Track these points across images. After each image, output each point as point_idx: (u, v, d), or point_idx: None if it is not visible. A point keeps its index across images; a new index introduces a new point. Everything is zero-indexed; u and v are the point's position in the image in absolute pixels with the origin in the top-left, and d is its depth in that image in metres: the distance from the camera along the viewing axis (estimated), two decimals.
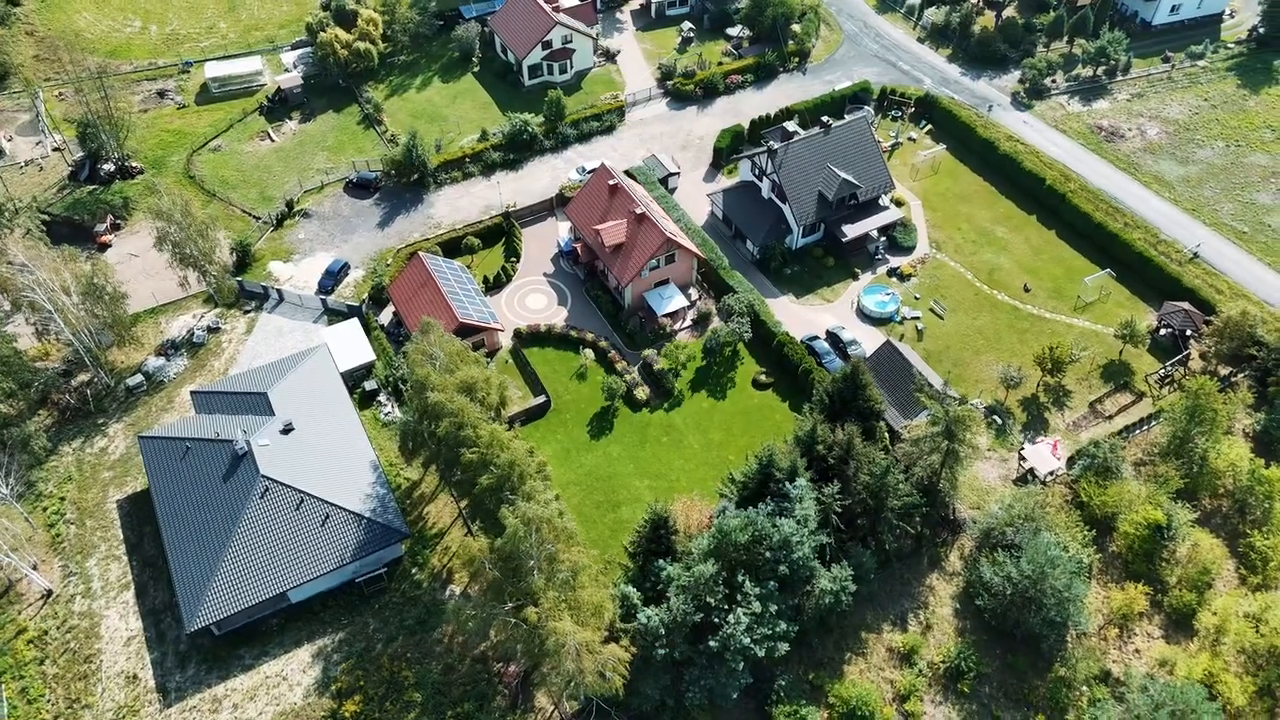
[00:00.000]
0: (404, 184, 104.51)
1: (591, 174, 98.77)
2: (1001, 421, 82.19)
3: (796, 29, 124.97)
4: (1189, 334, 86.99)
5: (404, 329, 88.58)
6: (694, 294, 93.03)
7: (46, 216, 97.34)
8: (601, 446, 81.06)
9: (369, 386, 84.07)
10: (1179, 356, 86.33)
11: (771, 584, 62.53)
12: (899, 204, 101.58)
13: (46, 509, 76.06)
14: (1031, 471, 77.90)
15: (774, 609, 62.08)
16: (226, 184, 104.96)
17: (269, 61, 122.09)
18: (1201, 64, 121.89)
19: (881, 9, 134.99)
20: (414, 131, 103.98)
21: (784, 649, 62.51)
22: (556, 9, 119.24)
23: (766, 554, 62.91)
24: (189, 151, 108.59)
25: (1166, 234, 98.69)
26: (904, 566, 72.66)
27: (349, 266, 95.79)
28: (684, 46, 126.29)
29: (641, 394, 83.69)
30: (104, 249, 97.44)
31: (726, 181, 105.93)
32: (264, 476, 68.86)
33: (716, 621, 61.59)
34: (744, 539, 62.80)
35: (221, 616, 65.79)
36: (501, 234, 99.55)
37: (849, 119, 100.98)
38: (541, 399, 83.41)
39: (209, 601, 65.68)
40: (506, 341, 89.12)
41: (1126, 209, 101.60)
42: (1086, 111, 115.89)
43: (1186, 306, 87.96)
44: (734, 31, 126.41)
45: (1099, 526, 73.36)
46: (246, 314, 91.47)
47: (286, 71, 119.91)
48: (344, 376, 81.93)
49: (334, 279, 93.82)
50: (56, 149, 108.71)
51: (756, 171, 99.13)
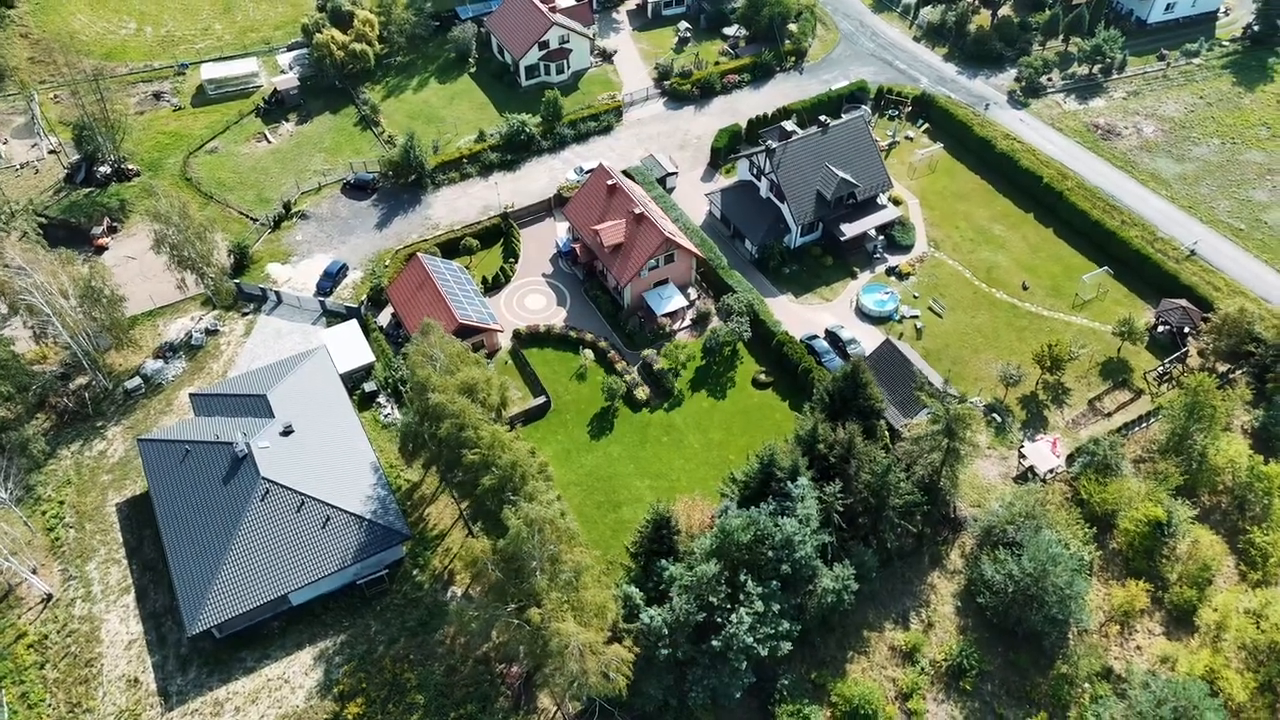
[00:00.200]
0: (402, 185, 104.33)
1: (589, 174, 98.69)
2: (1001, 419, 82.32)
3: (793, 28, 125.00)
4: (1187, 331, 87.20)
5: (403, 330, 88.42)
6: (693, 294, 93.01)
7: (43, 219, 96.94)
8: (602, 447, 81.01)
9: (368, 388, 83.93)
10: (1177, 354, 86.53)
11: (774, 583, 62.54)
12: (897, 203, 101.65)
13: (45, 513, 75.83)
14: (1031, 469, 78.03)
15: (776, 608, 62.12)
16: (223, 186, 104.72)
17: (265, 63, 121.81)
18: (1197, 62, 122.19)
19: (877, 8, 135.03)
20: (411, 133, 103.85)
21: (787, 648, 62.56)
22: (553, 9, 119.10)
23: (769, 553, 62.92)
24: (185, 154, 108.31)
25: (1163, 231, 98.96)
26: (905, 565, 72.77)
27: (347, 268, 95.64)
28: (681, 46, 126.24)
29: (641, 394, 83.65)
30: (101, 251, 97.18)
31: (724, 181, 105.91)
32: (264, 479, 68.70)
33: (719, 621, 61.61)
34: (746, 538, 62.82)
35: (223, 619, 65.64)
36: (500, 235, 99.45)
37: (846, 118, 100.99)
38: (541, 399, 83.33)
39: (210, 604, 65.50)
40: (506, 342, 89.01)
41: (1123, 206, 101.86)
42: (1083, 110, 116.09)
43: (1184, 304, 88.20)
44: (730, 31, 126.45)
45: (1099, 524, 73.58)
46: (245, 316, 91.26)
47: (283, 73, 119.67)
48: (343, 378, 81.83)
49: (332, 280, 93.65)
50: (52, 151, 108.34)
51: (755, 171, 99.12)
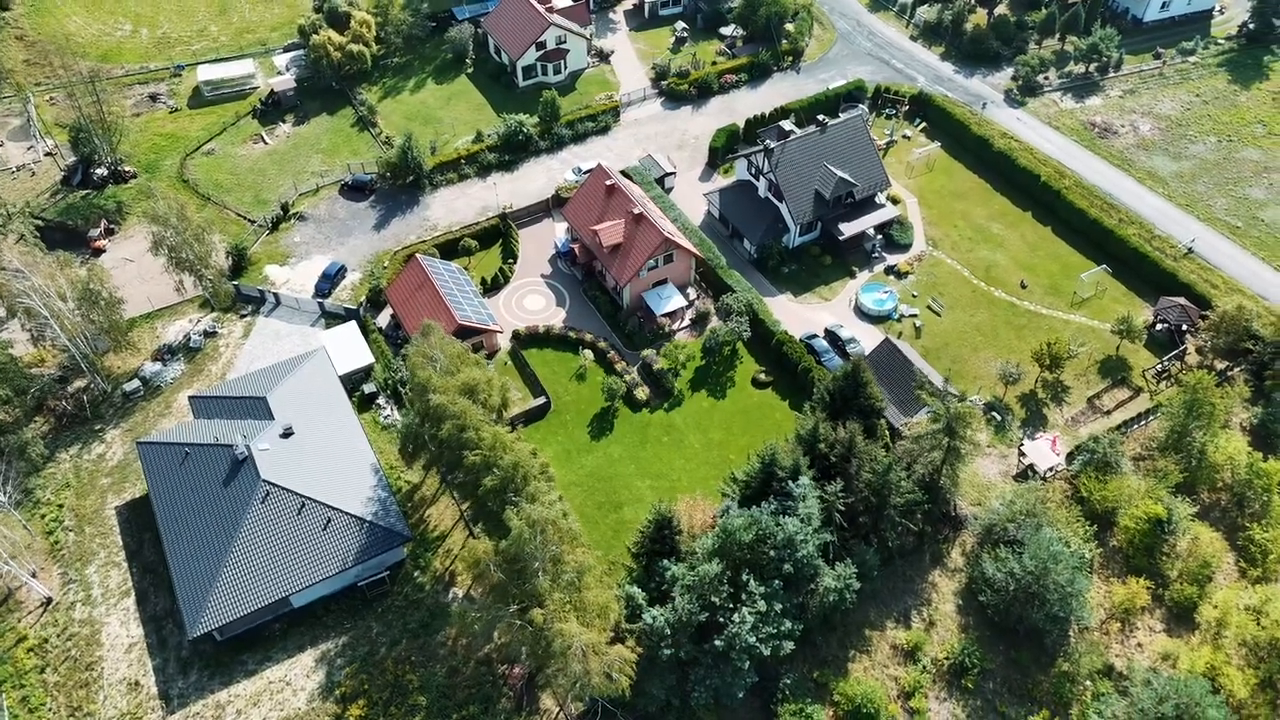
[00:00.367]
0: (399, 186, 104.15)
1: (588, 175, 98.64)
2: (1000, 418, 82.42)
3: (790, 28, 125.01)
4: (1185, 329, 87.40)
5: (402, 331, 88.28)
6: (692, 293, 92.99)
7: (40, 222, 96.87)
8: (602, 447, 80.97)
9: (368, 389, 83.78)
10: (1175, 351, 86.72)
11: (776, 583, 62.50)
12: (895, 202, 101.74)
13: (45, 516, 75.57)
14: (1031, 467, 78.14)
15: (779, 608, 62.08)
16: (221, 188, 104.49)
17: (261, 64, 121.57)
18: (1192, 60, 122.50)
19: (874, 7, 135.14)
20: (409, 133, 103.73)
21: (789, 647, 62.53)
22: (550, 10, 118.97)
23: (771, 553, 62.90)
24: (182, 155, 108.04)
25: (1161, 229, 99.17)
26: (906, 563, 72.84)
27: (346, 269, 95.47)
28: (678, 46, 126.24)
29: (641, 394, 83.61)
30: (98, 254, 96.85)
31: (722, 181, 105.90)
32: (265, 481, 68.54)
33: (721, 621, 61.58)
34: (748, 538, 62.81)
35: (224, 622, 65.48)
36: (498, 235, 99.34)
37: (844, 117, 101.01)
38: (541, 400, 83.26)
39: (211, 607, 65.33)
40: (505, 343, 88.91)
41: (1121, 205, 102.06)
42: (1080, 108, 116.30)
43: (1182, 301, 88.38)
44: (728, 31, 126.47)
45: (1099, 521, 73.73)
46: (243, 318, 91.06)
47: (279, 74, 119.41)
48: (342, 379, 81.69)
49: (331, 282, 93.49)
50: (49, 154, 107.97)
51: (753, 170, 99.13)
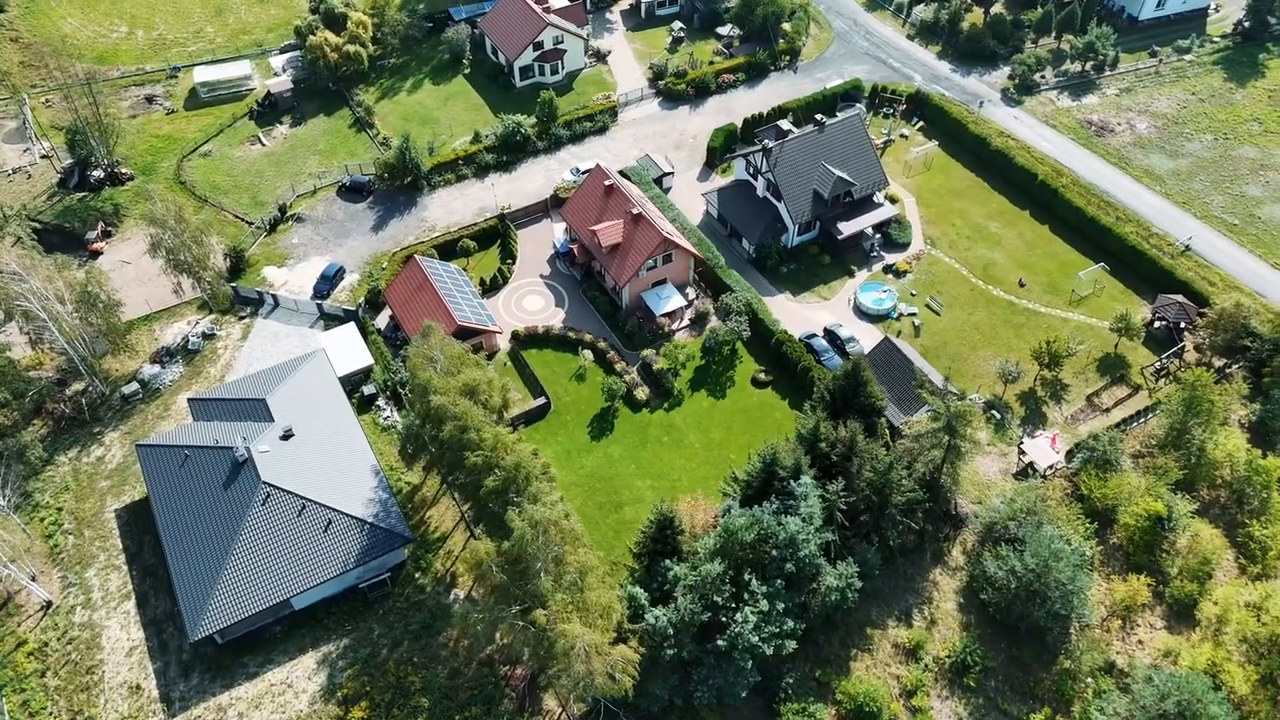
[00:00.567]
0: (397, 187, 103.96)
1: (586, 175, 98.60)
2: (1000, 416, 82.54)
3: (787, 27, 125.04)
4: (1183, 326, 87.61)
5: (401, 333, 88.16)
6: (691, 293, 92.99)
7: (37, 224, 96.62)
8: (602, 447, 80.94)
9: (367, 391, 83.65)
10: (1174, 349, 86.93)
11: (778, 582, 62.53)
12: (893, 201, 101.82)
13: (44, 519, 75.34)
14: (1031, 465, 78.30)
15: (781, 607, 62.13)
16: (218, 189, 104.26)
17: (258, 66, 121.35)
18: (1188, 58, 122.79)
19: (870, 6, 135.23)
20: (407, 134, 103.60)
21: (792, 647, 62.55)
22: (547, 10, 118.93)
23: (773, 552, 62.90)
24: (179, 157, 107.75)
25: (1158, 227, 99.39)
26: (907, 562, 72.92)
27: (344, 270, 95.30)
28: (675, 46, 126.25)
29: (641, 394, 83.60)
30: (95, 256, 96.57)
31: (721, 181, 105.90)
32: (265, 483, 68.38)
33: (724, 620, 61.58)
34: (750, 538, 62.80)
35: (225, 625, 65.36)
36: (497, 236, 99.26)
37: (842, 116, 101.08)
38: (541, 401, 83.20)
39: (212, 610, 65.18)
40: (504, 344, 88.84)
41: (1118, 203, 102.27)
42: (1076, 106, 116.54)
43: (1180, 299, 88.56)
44: (724, 31, 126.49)
45: (1099, 519, 73.89)
46: (242, 320, 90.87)
47: (276, 75, 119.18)
48: (342, 381, 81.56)
49: (329, 283, 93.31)
50: (45, 156, 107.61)
51: (751, 170, 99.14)
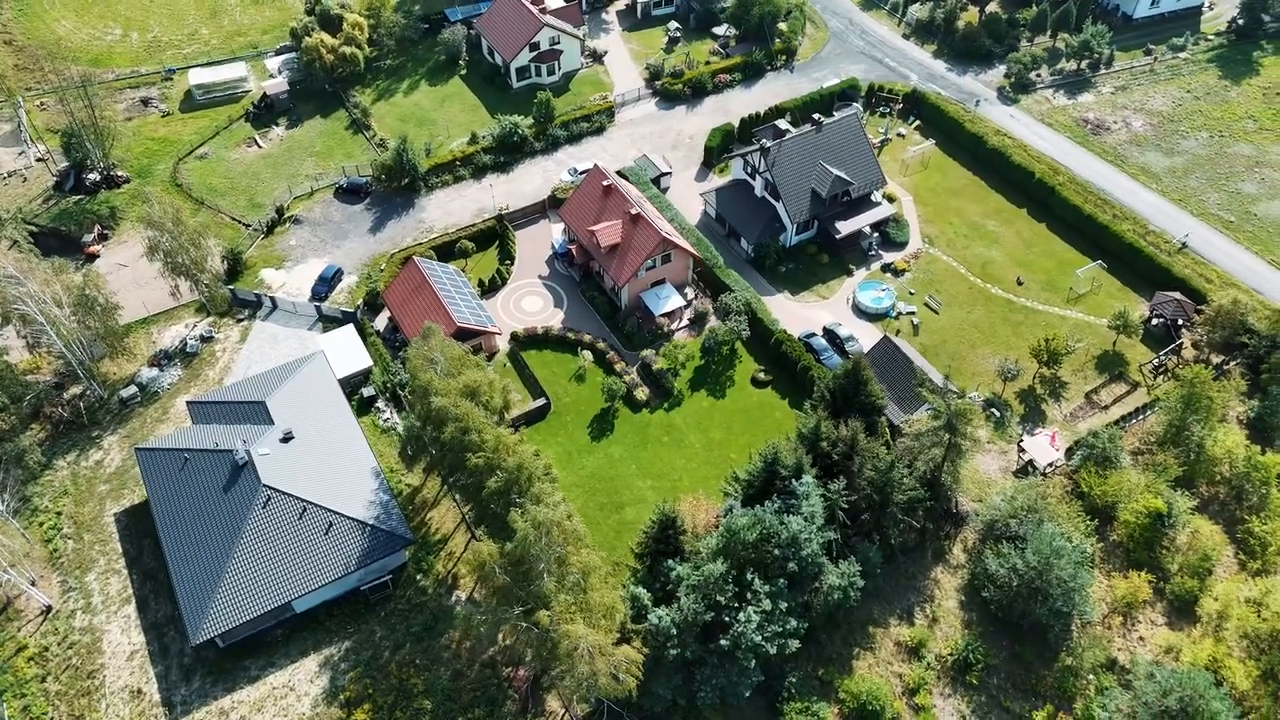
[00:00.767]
0: (395, 188, 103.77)
1: (584, 175, 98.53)
2: (999, 414, 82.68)
3: (783, 27, 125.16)
4: (1181, 323, 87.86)
5: (400, 334, 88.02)
6: (690, 293, 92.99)
7: (33, 228, 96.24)
8: (602, 448, 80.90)
9: (367, 393, 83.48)
10: (1172, 346, 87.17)
11: (781, 581, 62.57)
12: (890, 200, 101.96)
13: (43, 524, 75.05)
14: (1031, 463, 78.45)
15: (784, 606, 62.16)
16: (215, 192, 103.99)
17: (253, 68, 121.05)
18: (1183, 56, 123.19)
19: (866, 6, 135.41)
20: (404, 136, 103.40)
21: (795, 646, 62.55)
22: (543, 10, 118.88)
23: (775, 551, 62.91)
24: (175, 159, 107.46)
25: (1155, 225, 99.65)
26: (908, 560, 73.00)
27: (342, 272, 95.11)
28: (671, 46, 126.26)
29: (641, 394, 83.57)
30: (92, 259, 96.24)
31: (718, 180, 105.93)
32: (266, 486, 68.20)
33: (727, 620, 61.58)
34: (752, 537, 62.80)
35: (226, 628, 65.17)
36: (495, 237, 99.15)
37: (839, 116, 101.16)
38: (541, 402, 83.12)
39: (213, 614, 64.98)
40: (504, 345, 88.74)
41: (1115, 201, 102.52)
42: (1072, 105, 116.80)
43: (1178, 296, 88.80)
44: (721, 30, 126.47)
45: (1099, 516, 74.05)
46: (240, 322, 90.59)
47: (271, 77, 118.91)
48: (341, 383, 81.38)
49: (328, 285, 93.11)
50: (40, 159, 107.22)
51: (749, 170, 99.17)
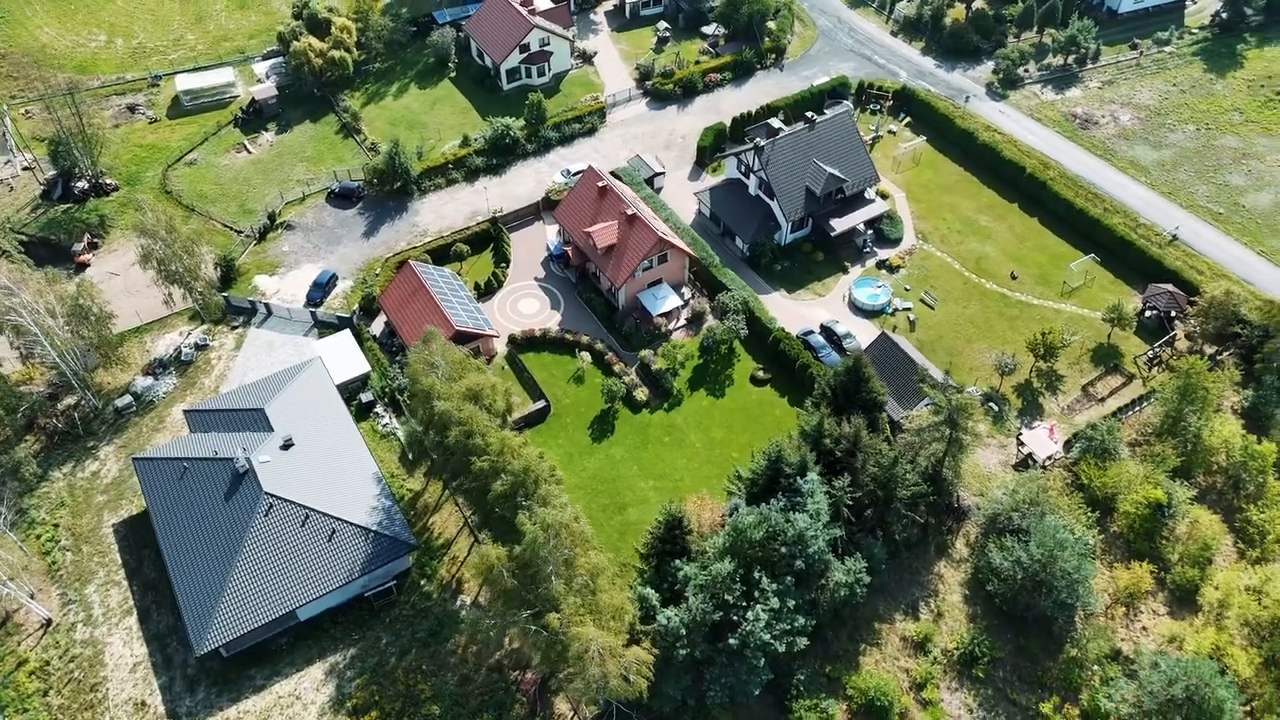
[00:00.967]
0: (387, 192, 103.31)
1: (578, 177, 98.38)
2: (998, 408, 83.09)
3: (772, 26, 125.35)
4: (1174, 315, 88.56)
5: (397, 339, 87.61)
6: (687, 293, 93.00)
7: (22, 237, 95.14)
8: (603, 449, 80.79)
9: (365, 398, 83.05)
10: (1166, 337, 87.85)
11: (788, 579, 62.68)
12: (884, 196, 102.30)
13: (40, 536, 74.28)
14: (1030, 456, 78.88)
15: (791, 604, 62.24)
16: (205, 198, 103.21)
17: (241, 73, 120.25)
18: (1168, 50, 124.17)
19: (854, 3, 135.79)
20: (396, 139, 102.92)
21: (803, 643, 62.64)
22: (532, 12, 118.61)
23: (782, 549, 62.99)
24: (164, 166, 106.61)
25: (1145, 218, 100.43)
26: (912, 556, 73.27)
27: (337, 277, 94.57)
28: (660, 46, 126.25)
29: (641, 395, 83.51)
30: (83, 269, 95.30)
31: (712, 180, 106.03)
32: (267, 494, 67.76)
33: (735, 619, 61.60)
34: (759, 536, 62.85)
35: (230, 638, 64.68)
36: (489, 240, 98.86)
37: (831, 113, 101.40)
38: (541, 404, 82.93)
39: (217, 623, 64.50)
40: (502, 348, 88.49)
41: (1105, 194, 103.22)
42: (1060, 100, 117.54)
43: (1170, 288, 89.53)
44: (710, 30, 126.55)
45: (1100, 507, 74.53)
46: (234, 329, 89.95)
47: (259, 82, 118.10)
48: (339, 389, 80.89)
49: (323, 291, 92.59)
50: (26, 168, 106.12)
51: (743, 169, 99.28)
